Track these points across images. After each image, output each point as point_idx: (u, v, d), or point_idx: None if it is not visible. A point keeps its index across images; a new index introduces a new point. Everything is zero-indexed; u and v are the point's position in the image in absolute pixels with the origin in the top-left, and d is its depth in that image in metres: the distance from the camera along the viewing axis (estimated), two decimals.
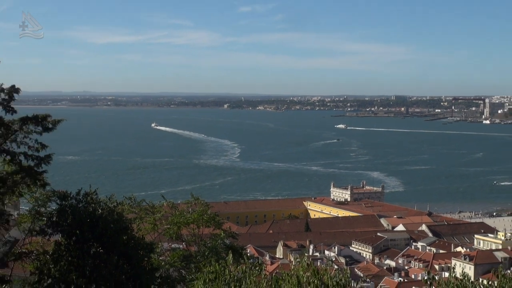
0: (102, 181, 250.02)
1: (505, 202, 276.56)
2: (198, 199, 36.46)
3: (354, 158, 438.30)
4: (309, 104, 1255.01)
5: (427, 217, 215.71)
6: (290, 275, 15.27)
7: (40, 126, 26.66)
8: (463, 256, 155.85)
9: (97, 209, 26.07)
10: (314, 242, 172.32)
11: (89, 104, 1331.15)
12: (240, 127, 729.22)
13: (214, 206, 54.06)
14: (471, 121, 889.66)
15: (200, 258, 31.85)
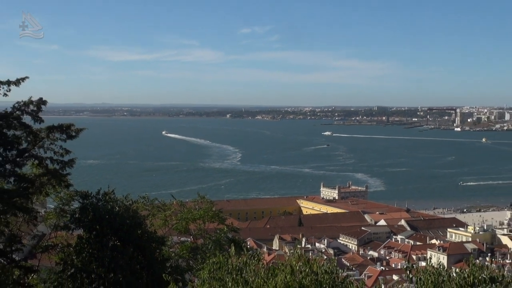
0: (119, 182, 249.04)
1: (474, 200, 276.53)
2: (204, 197, 36.41)
3: (341, 162, 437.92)
4: (302, 113, 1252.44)
5: (405, 213, 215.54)
6: (284, 265, 15.21)
7: (65, 134, 26.69)
8: (438, 247, 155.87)
9: (115, 206, 26.06)
10: (306, 235, 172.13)
11: (108, 114, 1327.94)
12: (241, 134, 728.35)
13: (218, 204, 53.90)
14: (444, 129, 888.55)
15: (206, 250, 31.81)
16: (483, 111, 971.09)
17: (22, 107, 26.21)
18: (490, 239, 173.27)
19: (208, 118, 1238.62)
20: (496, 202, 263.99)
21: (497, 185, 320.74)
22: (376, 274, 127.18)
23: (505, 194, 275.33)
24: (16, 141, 25.93)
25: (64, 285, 24.68)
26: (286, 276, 14.41)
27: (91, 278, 24.56)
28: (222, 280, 15.44)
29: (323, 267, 14.82)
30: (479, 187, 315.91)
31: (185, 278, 26.18)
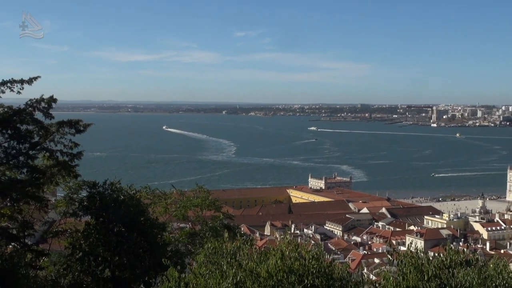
0: (123, 173, 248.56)
1: (449, 190, 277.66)
2: (201, 187, 36.28)
3: (328, 154, 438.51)
4: (291, 110, 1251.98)
5: (386, 201, 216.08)
6: (275, 250, 15.20)
7: (73, 129, 26.62)
8: (415, 233, 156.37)
9: (120, 195, 25.99)
10: (295, 222, 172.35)
11: (113, 111, 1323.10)
12: (236, 129, 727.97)
13: (214, 193, 53.89)
14: (422, 125, 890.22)
15: (203, 235, 31.77)
16: (457, 109, 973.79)
17: (34, 104, 26.18)
18: (463, 225, 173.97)
19: (205, 114, 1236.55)
20: (469, 192, 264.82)
21: (469, 176, 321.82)
22: (359, 258, 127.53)
23: (477, 185, 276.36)
24: (29, 135, 25.89)
25: (72, 267, 24.64)
26: (277, 260, 14.39)
27: (97, 261, 24.52)
28: (217, 263, 15.42)
29: (310, 252, 14.81)
30: (452, 178, 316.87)
31: (184, 262, 26.12)
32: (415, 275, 13.71)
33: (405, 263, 14.20)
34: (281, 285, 13.83)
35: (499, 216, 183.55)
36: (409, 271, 13.92)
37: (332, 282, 14.11)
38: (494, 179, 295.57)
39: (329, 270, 14.50)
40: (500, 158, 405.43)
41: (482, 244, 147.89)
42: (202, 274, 15.16)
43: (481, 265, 14.84)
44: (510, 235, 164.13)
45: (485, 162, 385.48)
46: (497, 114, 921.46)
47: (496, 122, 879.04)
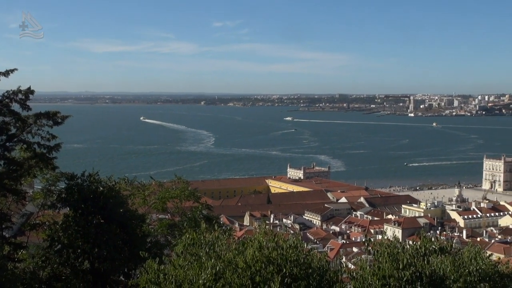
0: (102, 165, 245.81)
1: (426, 179, 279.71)
2: (180, 178, 36.24)
3: (306, 145, 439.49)
4: (270, 101, 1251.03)
5: (364, 191, 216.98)
6: (253, 240, 15.32)
7: (51, 121, 26.51)
8: (393, 222, 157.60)
9: (99, 187, 25.91)
10: (274, 212, 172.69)
11: (91, 102, 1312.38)
12: (214, 120, 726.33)
13: (193, 184, 53.72)
14: (399, 114, 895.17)
15: (182, 226, 31.79)
16: (434, 98, 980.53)
17: (11, 96, 25.98)
18: (440, 214, 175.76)
19: (184, 105, 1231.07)
20: (446, 181, 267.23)
21: (446, 165, 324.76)
22: (338, 247, 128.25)
23: (453, 174, 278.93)
24: (6, 127, 25.70)
25: (51, 259, 24.57)
26: (255, 251, 14.49)
27: (77, 253, 24.46)
28: (196, 255, 15.49)
29: (288, 242, 14.94)
30: (425, 167, 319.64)
31: (164, 253, 26.16)
32: (391, 264, 13.92)
33: (380, 252, 14.41)
34: (259, 275, 13.94)
35: (475, 204, 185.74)
36: (384, 261, 14.13)
37: (311, 271, 14.26)
38: (470, 168, 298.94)
39: (307, 259, 14.65)
40: (476, 147, 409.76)
41: (459, 232, 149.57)
42: (181, 265, 15.22)
43: (455, 253, 15.13)
44: (486, 223, 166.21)
45: (462, 151, 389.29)
46: (474, 103, 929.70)
47: (472, 111, 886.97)
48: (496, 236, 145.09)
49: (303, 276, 14.03)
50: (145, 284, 15.33)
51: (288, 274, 13.90)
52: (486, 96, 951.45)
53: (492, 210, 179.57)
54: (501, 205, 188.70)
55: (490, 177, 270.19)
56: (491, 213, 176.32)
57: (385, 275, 13.64)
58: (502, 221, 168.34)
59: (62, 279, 24.48)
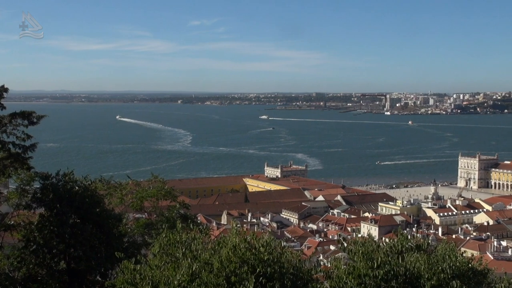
0: (78, 164, 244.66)
1: (402, 177, 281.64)
2: (157, 177, 36.23)
3: (283, 143, 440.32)
4: (247, 99, 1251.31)
5: (341, 189, 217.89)
6: (225, 241, 15.35)
7: (27, 121, 26.28)
8: (370, 220, 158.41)
9: (74, 187, 25.74)
10: (252, 210, 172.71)
11: (67, 101, 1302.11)
12: (192, 118, 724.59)
13: (170, 183, 53.75)
14: (375, 113, 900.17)
15: (159, 226, 31.74)
16: (410, 97, 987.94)
17: None
18: (416, 211, 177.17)
19: (161, 103, 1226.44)
20: (422, 179, 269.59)
21: (422, 163, 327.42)
22: (315, 245, 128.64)
23: (429, 171, 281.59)
24: None
25: (27, 260, 24.35)
26: (229, 251, 14.53)
27: (52, 253, 24.29)
28: (172, 255, 15.48)
29: (261, 241, 14.99)
30: (406, 165, 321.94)
31: (141, 253, 26.06)
32: (365, 263, 14.03)
33: (354, 251, 14.52)
34: (234, 275, 13.97)
35: (451, 202, 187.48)
36: (359, 259, 14.24)
37: (285, 271, 14.31)
38: (445, 166, 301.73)
39: (280, 258, 14.70)
40: (451, 145, 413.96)
41: (435, 229, 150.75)
42: (157, 265, 15.20)
43: (431, 250, 15.30)
44: (461, 220, 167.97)
45: (437, 149, 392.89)
46: (449, 102, 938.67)
47: (447, 110, 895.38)
48: (471, 233, 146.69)
49: (277, 275, 14.08)
50: (122, 284, 15.28)
51: (262, 273, 13.94)
52: (461, 95, 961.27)
53: (467, 207, 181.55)
54: (476, 203, 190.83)
55: (465, 175, 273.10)
56: (466, 210, 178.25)
57: (360, 274, 13.74)
58: (477, 218, 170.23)
59: (38, 280, 24.28)
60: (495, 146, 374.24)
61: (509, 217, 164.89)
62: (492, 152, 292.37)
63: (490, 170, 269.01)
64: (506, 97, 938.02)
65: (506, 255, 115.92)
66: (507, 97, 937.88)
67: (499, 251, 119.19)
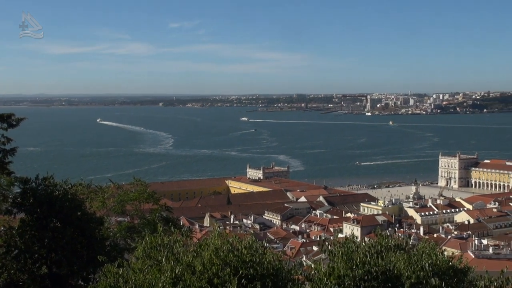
0: (59, 168, 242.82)
1: (383, 177, 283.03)
2: (139, 180, 36.07)
3: (265, 145, 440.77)
4: (229, 101, 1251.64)
5: (323, 190, 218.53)
6: (207, 243, 15.38)
7: (6, 123, 26.03)
8: (352, 220, 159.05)
9: (54, 191, 25.56)
10: (235, 212, 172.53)
11: (47, 104, 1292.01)
12: (173, 121, 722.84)
13: (153, 186, 53.50)
14: (356, 113, 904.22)
15: (141, 229, 31.63)
16: (391, 97, 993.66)
17: None
18: (398, 211, 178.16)
19: (142, 106, 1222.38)
20: (403, 179, 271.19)
21: (403, 163, 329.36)
22: (298, 246, 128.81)
23: (410, 171, 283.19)
24: None
25: (8, 266, 24.14)
26: (211, 254, 14.55)
27: (34, 258, 24.12)
28: (155, 258, 15.46)
29: (243, 243, 15.03)
30: (387, 165, 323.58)
31: (123, 257, 25.96)
32: (345, 263, 14.12)
33: (335, 252, 14.61)
34: (217, 277, 14.00)
35: (432, 201, 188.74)
36: (339, 260, 14.33)
37: (266, 272, 14.36)
38: (426, 165, 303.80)
39: (262, 260, 14.75)
40: (432, 145, 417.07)
41: (416, 229, 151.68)
42: (140, 269, 15.18)
43: (410, 249, 15.44)
44: (442, 219, 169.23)
45: (418, 149, 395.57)
46: (429, 102, 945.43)
47: (427, 110, 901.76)
48: (452, 232, 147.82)
49: (258, 276, 14.13)
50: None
51: (245, 275, 13.98)
52: (441, 95, 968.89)
53: (448, 206, 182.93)
54: (456, 202, 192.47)
55: (446, 174, 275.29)
56: (447, 209, 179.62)
57: (340, 274, 13.83)
58: (458, 217, 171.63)
59: (19, 285, 24.09)
60: (475, 145, 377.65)
61: (489, 216, 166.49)
62: (472, 152, 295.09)
63: (470, 169, 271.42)
64: (485, 96, 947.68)
65: (487, 253, 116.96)
66: (486, 96, 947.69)
67: (480, 250, 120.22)
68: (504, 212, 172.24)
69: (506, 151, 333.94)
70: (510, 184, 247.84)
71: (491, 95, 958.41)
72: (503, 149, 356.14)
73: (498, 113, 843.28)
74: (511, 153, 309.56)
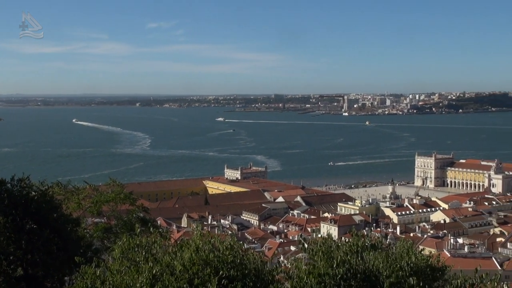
0: (35, 169, 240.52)
1: (360, 177, 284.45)
2: (115, 181, 35.83)
3: (243, 145, 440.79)
4: (206, 102, 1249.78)
5: (301, 190, 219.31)
6: (189, 243, 15.33)
7: None
8: (329, 220, 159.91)
9: (30, 192, 25.27)
10: (212, 213, 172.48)
11: (22, 105, 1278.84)
12: (150, 121, 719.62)
13: (129, 186, 53.32)
14: (334, 114, 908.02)
15: (118, 230, 31.45)
16: (367, 98, 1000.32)
17: None
18: (375, 211, 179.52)
19: (118, 106, 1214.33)
20: (380, 179, 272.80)
21: (380, 163, 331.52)
22: (275, 246, 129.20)
23: (387, 171, 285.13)
24: None
25: None
26: (192, 253, 14.50)
27: (9, 260, 23.84)
28: (132, 259, 15.36)
29: (224, 243, 15.02)
30: (363, 165, 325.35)
31: (100, 257, 25.77)
32: (325, 262, 14.17)
33: (315, 251, 14.66)
34: (197, 277, 13.95)
35: (408, 201, 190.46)
36: (319, 259, 14.37)
37: (247, 272, 14.36)
38: (403, 165, 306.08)
39: (243, 260, 14.75)
40: (408, 145, 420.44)
41: (393, 228, 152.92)
42: (118, 270, 15.06)
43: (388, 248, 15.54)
44: (418, 218, 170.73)
45: (394, 149, 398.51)
46: (405, 102, 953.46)
47: (404, 110, 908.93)
48: (428, 231, 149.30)
49: (239, 277, 14.12)
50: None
51: (225, 276, 13.96)
52: (417, 95, 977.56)
53: (424, 206, 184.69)
54: (432, 201, 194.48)
55: (422, 174, 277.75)
56: (423, 209, 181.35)
57: (320, 273, 13.87)
58: (434, 216, 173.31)
59: None
60: (451, 145, 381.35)
61: (465, 215, 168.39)
62: (448, 151, 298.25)
63: (446, 169, 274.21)
64: (460, 97, 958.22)
65: (463, 252, 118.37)
66: (461, 97, 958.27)
67: (456, 249, 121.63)
68: (479, 211, 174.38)
69: (481, 151, 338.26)
70: (485, 184, 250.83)
71: (467, 95, 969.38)
72: (479, 149, 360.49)
73: (473, 113, 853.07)
74: (486, 153, 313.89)
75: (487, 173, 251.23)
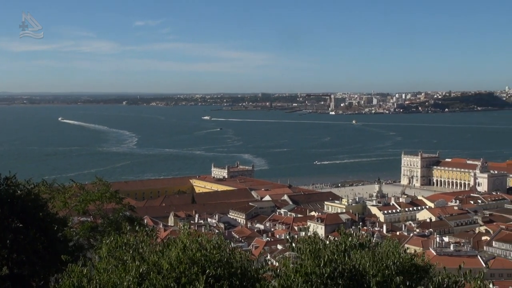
0: (20, 167, 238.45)
1: (347, 175, 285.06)
2: (101, 180, 35.73)
3: (230, 144, 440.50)
4: (193, 100, 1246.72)
5: (288, 188, 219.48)
6: (176, 241, 15.34)
7: None
8: (316, 218, 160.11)
9: (16, 191, 25.16)
10: (199, 212, 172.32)
11: (7, 103, 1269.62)
12: (137, 120, 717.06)
13: (116, 185, 53.08)
14: (321, 113, 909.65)
15: (104, 229, 31.37)
16: (354, 97, 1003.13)
17: None
18: (361, 209, 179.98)
19: (105, 105, 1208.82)
20: (366, 177, 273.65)
21: (366, 162, 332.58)
22: (262, 245, 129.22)
23: (373, 170, 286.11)
24: None
25: None
26: (179, 252, 14.52)
27: None
28: (119, 258, 15.35)
29: (211, 242, 15.05)
30: (350, 164, 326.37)
31: (86, 256, 25.70)
32: (312, 261, 14.24)
33: (302, 250, 14.72)
34: (184, 276, 13.97)
35: (395, 199, 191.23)
36: (307, 258, 14.45)
37: (234, 271, 14.40)
38: (389, 164, 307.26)
39: (230, 259, 14.79)
40: (394, 143, 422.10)
41: (379, 227, 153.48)
42: (105, 269, 15.05)
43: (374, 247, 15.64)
44: (404, 217, 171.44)
45: (381, 148, 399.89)
46: (392, 101, 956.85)
47: (390, 109, 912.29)
48: (415, 229, 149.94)
49: (226, 275, 14.16)
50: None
51: (212, 274, 13.99)
52: (403, 94, 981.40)
53: (410, 204, 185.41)
54: (418, 200, 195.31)
55: (408, 172, 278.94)
56: (410, 207, 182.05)
57: (307, 272, 13.93)
58: (420, 215, 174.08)
59: None
60: (437, 144, 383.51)
61: (450, 214, 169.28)
62: (434, 150, 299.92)
63: (432, 167, 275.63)
64: (446, 96, 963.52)
65: (448, 250, 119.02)
66: (447, 96, 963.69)
67: (442, 247, 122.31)
68: (465, 210, 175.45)
69: (467, 150, 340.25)
70: (471, 183, 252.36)
71: (452, 95, 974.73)
72: (464, 148, 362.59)
73: (459, 113, 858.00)
74: (472, 152, 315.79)
75: (473, 172, 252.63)
